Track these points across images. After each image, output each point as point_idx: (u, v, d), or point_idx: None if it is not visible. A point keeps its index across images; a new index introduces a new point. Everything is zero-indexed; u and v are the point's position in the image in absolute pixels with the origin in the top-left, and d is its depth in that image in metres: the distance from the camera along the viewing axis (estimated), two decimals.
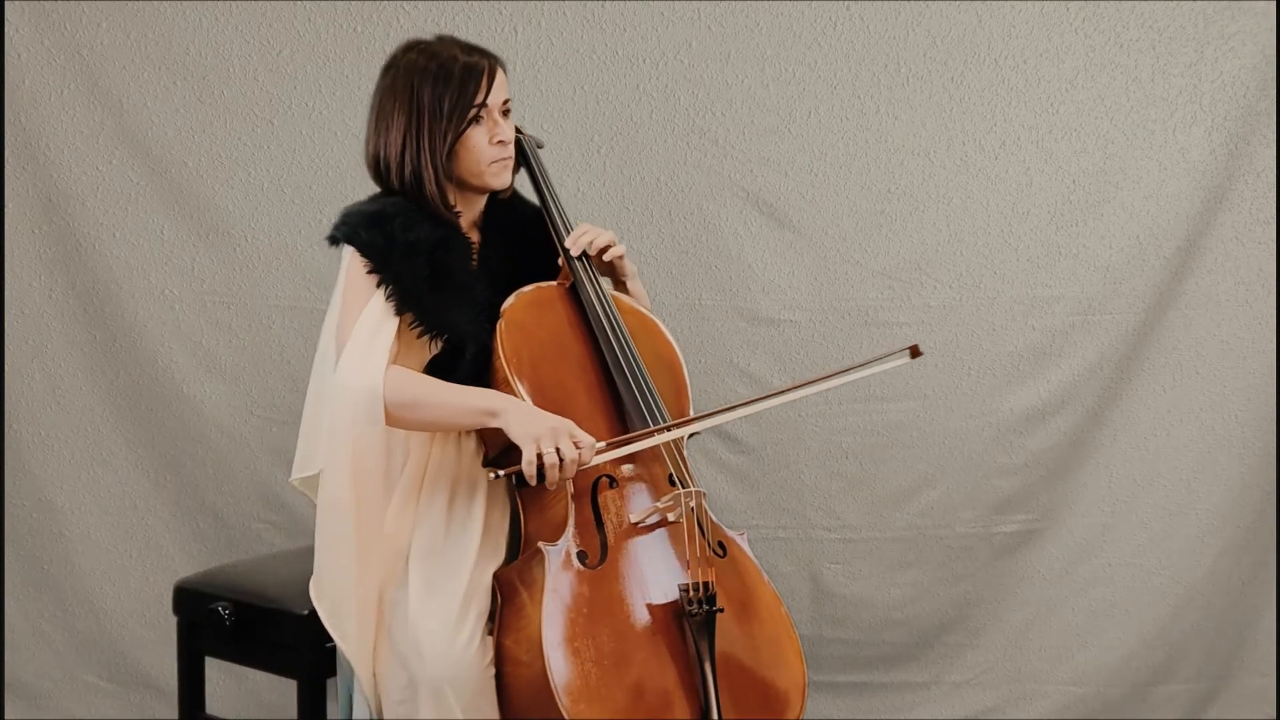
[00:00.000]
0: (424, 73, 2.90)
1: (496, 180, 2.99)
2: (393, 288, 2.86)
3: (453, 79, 2.90)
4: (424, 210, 2.93)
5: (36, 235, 4.08)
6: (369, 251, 2.87)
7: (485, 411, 2.81)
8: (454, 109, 2.90)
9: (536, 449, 2.72)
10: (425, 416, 2.84)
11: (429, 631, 2.75)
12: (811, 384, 2.93)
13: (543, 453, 2.72)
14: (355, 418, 2.80)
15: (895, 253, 4.11)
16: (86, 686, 4.21)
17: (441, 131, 2.90)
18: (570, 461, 2.73)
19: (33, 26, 4.00)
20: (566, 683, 2.68)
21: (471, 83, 2.91)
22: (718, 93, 4.06)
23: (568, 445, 2.74)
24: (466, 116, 2.91)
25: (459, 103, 2.90)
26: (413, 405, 2.81)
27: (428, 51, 2.94)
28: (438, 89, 2.89)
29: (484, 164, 2.96)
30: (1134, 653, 4.19)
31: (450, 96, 2.90)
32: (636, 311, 3.10)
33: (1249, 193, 4.05)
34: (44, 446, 4.15)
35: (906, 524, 4.18)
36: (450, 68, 2.90)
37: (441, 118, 2.90)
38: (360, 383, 2.80)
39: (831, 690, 4.21)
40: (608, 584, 2.79)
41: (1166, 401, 4.13)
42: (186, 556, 4.15)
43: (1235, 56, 4.01)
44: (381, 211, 2.91)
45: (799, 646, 2.90)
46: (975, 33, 4.04)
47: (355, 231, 2.89)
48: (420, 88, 2.90)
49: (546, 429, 2.75)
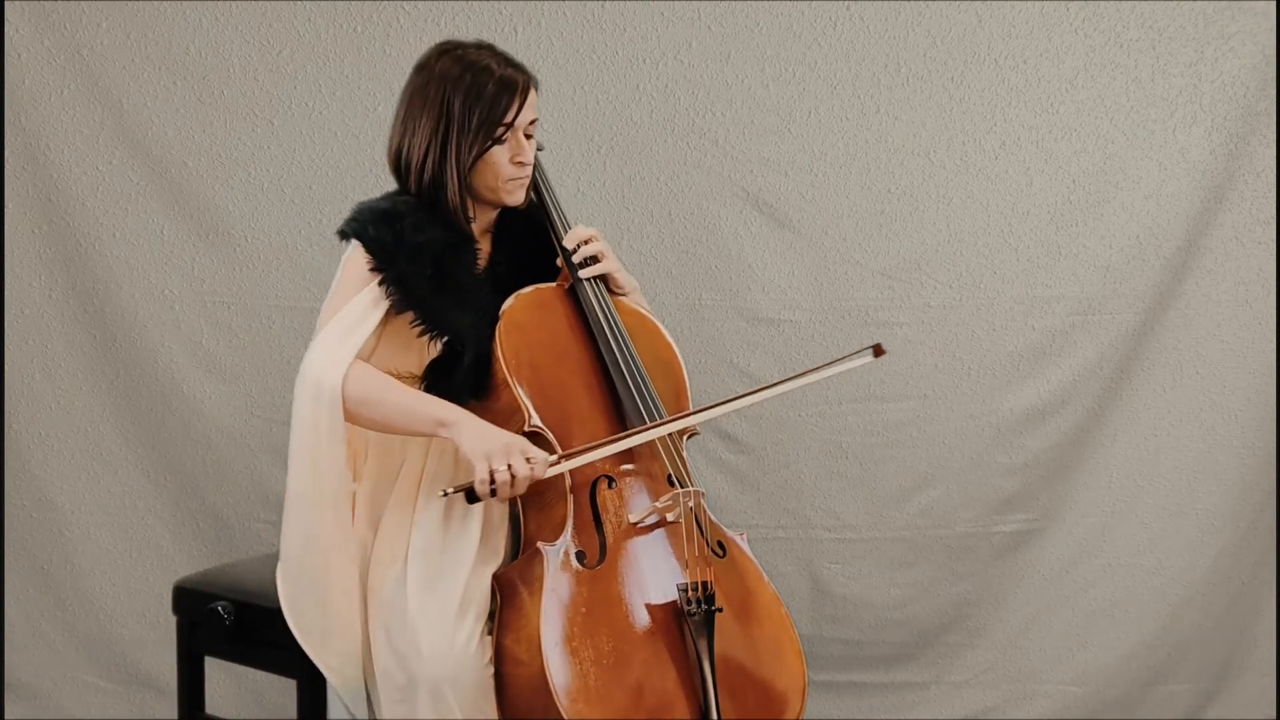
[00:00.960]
0: (457, 82, 2.90)
1: (510, 198, 3.00)
2: (394, 286, 2.86)
3: (485, 94, 2.90)
4: (437, 213, 2.94)
5: (36, 235, 4.08)
6: (374, 248, 2.87)
7: (438, 421, 2.82)
8: (482, 125, 2.90)
9: (489, 465, 2.74)
10: (380, 415, 2.84)
11: (428, 631, 2.76)
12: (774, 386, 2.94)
13: (494, 470, 2.74)
14: (315, 408, 2.81)
15: (895, 253, 4.11)
16: (86, 686, 4.21)
17: (468, 144, 2.91)
18: (522, 479, 2.75)
19: (33, 26, 4.00)
20: (565, 682, 2.68)
21: (503, 100, 2.91)
22: (718, 93, 4.06)
23: (519, 461, 2.75)
24: (493, 135, 2.92)
25: (487, 119, 2.90)
26: (369, 403, 2.82)
27: (464, 60, 2.93)
28: (468, 101, 2.89)
29: (500, 181, 2.96)
30: (1134, 652, 4.19)
31: (480, 112, 2.90)
32: (636, 313, 3.10)
33: (1249, 193, 4.05)
34: (44, 446, 4.15)
35: (906, 524, 4.18)
36: (484, 81, 2.90)
37: (469, 131, 2.90)
38: (323, 375, 2.82)
39: (831, 690, 4.21)
40: (606, 584, 2.79)
41: (1166, 401, 4.13)
42: (186, 556, 4.15)
43: (1235, 56, 4.01)
44: (394, 210, 2.92)
45: (799, 647, 2.90)
46: (975, 33, 4.04)
47: (364, 227, 2.90)
48: (452, 97, 2.90)
49: (499, 446, 2.76)
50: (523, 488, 2.77)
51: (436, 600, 2.79)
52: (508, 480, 2.74)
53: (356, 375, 2.83)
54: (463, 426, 2.80)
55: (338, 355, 2.83)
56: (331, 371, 2.81)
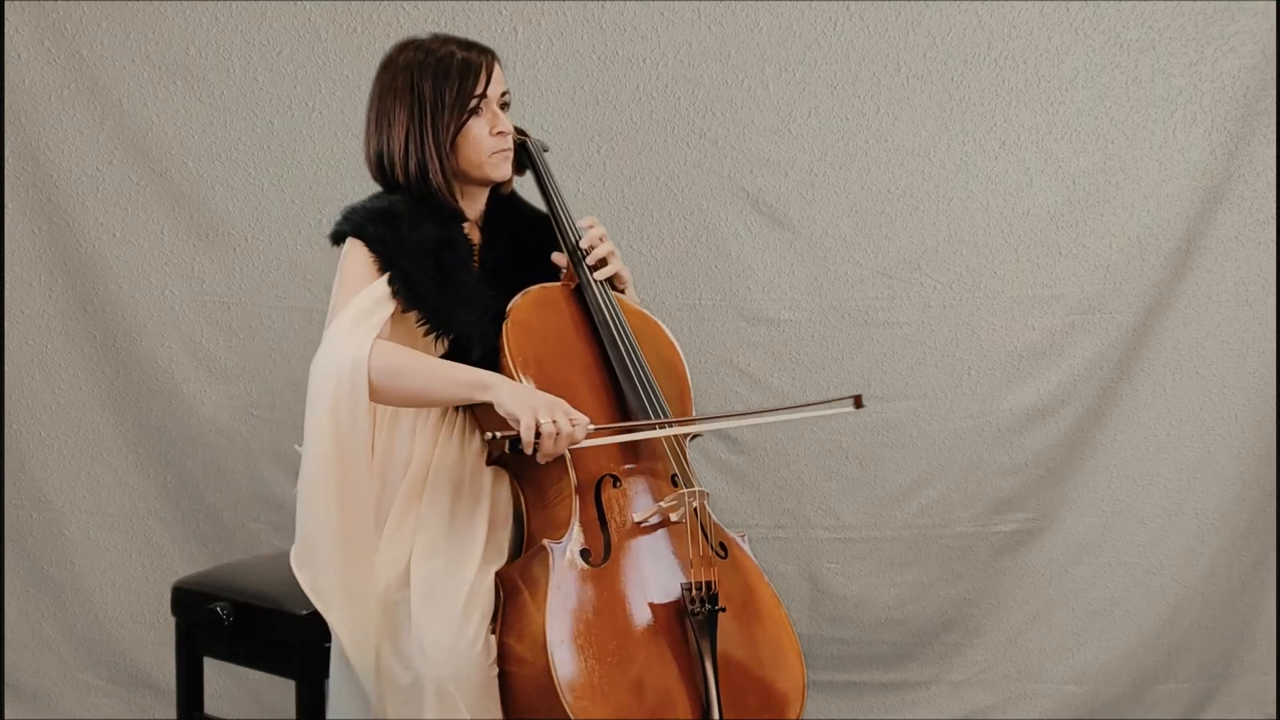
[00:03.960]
0: (423, 68, 2.94)
1: (496, 172, 3.01)
2: (400, 285, 2.87)
3: (452, 72, 2.94)
4: (427, 207, 2.95)
5: (36, 235, 4.07)
6: (377, 246, 2.87)
7: (476, 384, 2.80)
8: (455, 100, 2.93)
9: (534, 418, 2.71)
10: (411, 385, 2.81)
11: (433, 631, 2.75)
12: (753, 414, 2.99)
13: (540, 422, 2.71)
14: (339, 386, 2.77)
15: (895, 252, 4.11)
16: (85, 687, 4.21)
17: (444, 124, 2.93)
18: (565, 435, 2.73)
19: (33, 26, 4.00)
20: (570, 680, 2.68)
21: (471, 75, 2.95)
22: (718, 93, 4.06)
23: (563, 419, 2.74)
24: (467, 107, 2.94)
25: (460, 94, 2.94)
26: (399, 373, 2.79)
27: (425, 48, 2.97)
28: (438, 82, 2.93)
29: (485, 154, 2.98)
30: (1133, 652, 4.19)
31: (451, 89, 2.93)
32: (640, 313, 3.11)
33: (1249, 192, 4.05)
34: (43, 446, 4.15)
35: (905, 523, 4.18)
36: (449, 62, 2.94)
37: (443, 110, 2.93)
38: (345, 352, 2.78)
39: (830, 689, 4.21)
40: (611, 582, 2.79)
41: (1166, 401, 4.14)
42: (185, 557, 4.15)
43: (1235, 56, 4.01)
44: (390, 209, 2.92)
45: (799, 648, 2.90)
46: (975, 33, 4.04)
47: (363, 226, 2.90)
48: (421, 82, 2.93)
49: (544, 402, 2.75)
50: (563, 446, 2.74)
51: (441, 601, 2.78)
52: (553, 433, 2.71)
53: (381, 349, 2.80)
54: (501, 387, 2.78)
55: (358, 334, 2.80)
56: (355, 350, 2.77)
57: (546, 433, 2.71)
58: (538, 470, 2.88)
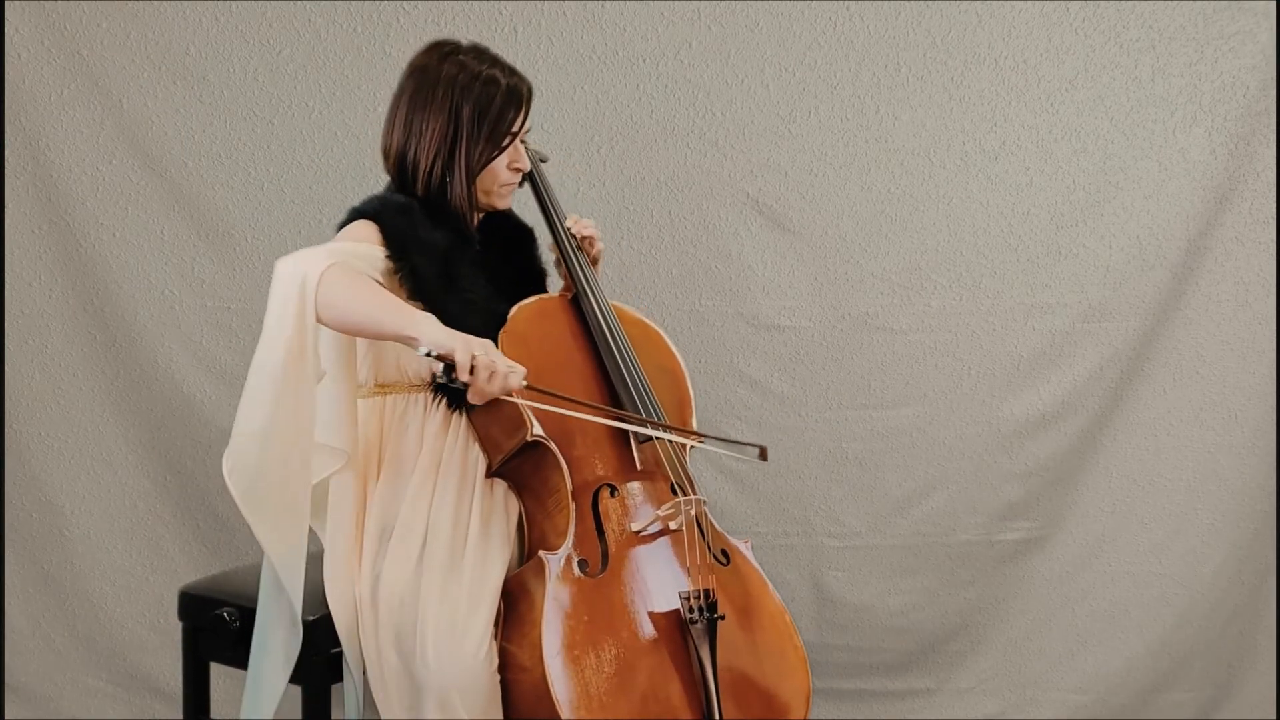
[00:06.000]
0: (466, 91, 2.94)
1: (501, 202, 3.06)
2: (408, 276, 2.87)
3: (493, 105, 2.95)
4: (440, 215, 2.96)
5: (36, 235, 4.09)
6: (393, 234, 2.88)
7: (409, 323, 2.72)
8: (492, 134, 2.96)
9: (470, 351, 2.67)
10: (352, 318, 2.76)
11: (436, 637, 2.75)
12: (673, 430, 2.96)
13: (475, 354, 2.66)
14: (285, 300, 2.75)
15: (896, 256, 4.10)
16: (89, 689, 4.21)
17: (476, 153, 2.96)
18: (500, 374, 2.68)
19: (33, 26, 4.02)
20: (566, 690, 2.69)
21: (510, 110, 2.97)
22: (718, 93, 4.06)
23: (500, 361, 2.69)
24: (500, 145, 2.97)
25: (497, 129, 2.96)
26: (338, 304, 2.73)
27: (467, 67, 2.96)
28: (477, 111, 2.94)
29: (497, 185, 3.02)
30: (1137, 659, 4.17)
31: (490, 121, 2.95)
32: (640, 322, 3.13)
33: (1249, 193, 4.05)
34: (45, 447, 4.15)
35: (910, 530, 4.18)
36: (493, 92, 2.95)
37: (478, 140, 2.95)
38: (299, 268, 2.75)
39: (834, 697, 4.20)
40: (609, 592, 2.80)
41: (1167, 403, 4.12)
42: (188, 558, 4.16)
43: (1235, 56, 4.01)
44: (408, 205, 2.94)
45: (804, 654, 2.91)
46: (975, 33, 4.04)
47: (381, 213, 2.91)
48: (461, 104, 2.94)
49: (478, 340, 2.71)
50: (498, 386, 2.69)
51: (445, 608, 2.79)
52: (489, 364, 2.67)
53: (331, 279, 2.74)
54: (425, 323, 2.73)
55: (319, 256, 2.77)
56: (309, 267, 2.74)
57: (482, 363, 2.66)
58: (533, 477, 2.89)
